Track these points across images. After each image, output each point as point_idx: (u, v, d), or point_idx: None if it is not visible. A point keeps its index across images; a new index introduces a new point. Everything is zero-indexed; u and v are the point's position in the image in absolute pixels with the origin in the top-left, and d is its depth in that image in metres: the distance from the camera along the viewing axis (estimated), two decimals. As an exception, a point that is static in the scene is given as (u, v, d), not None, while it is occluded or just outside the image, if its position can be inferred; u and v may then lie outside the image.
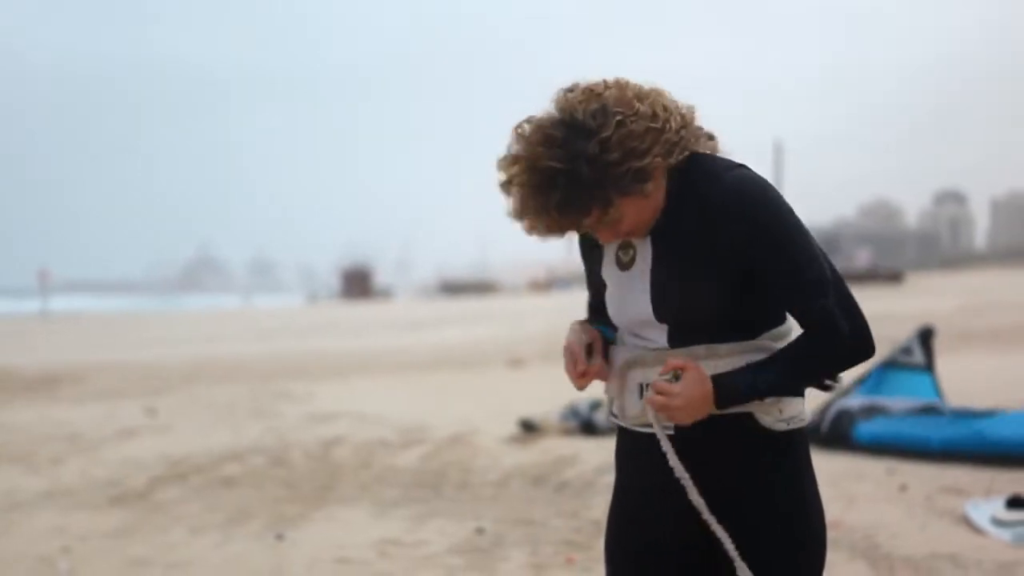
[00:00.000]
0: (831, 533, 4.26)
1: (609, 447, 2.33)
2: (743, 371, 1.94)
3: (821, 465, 2.33)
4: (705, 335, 1.98)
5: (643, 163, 1.88)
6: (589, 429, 8.41)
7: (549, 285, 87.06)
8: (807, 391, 2.05)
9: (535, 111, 1.93)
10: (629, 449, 2.13)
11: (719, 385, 1.94)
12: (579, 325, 2.15)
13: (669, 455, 2.00)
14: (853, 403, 7.61)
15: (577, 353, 2.08)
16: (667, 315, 2.00)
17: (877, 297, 31.54)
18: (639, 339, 2.07)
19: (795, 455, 2.02)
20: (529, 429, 8.54)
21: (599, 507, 5.76)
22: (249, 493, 6.73)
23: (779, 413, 1.99)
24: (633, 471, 2.12)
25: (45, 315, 49.42)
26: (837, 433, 7.38)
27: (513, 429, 8.66)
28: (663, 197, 1.98)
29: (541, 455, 7.68)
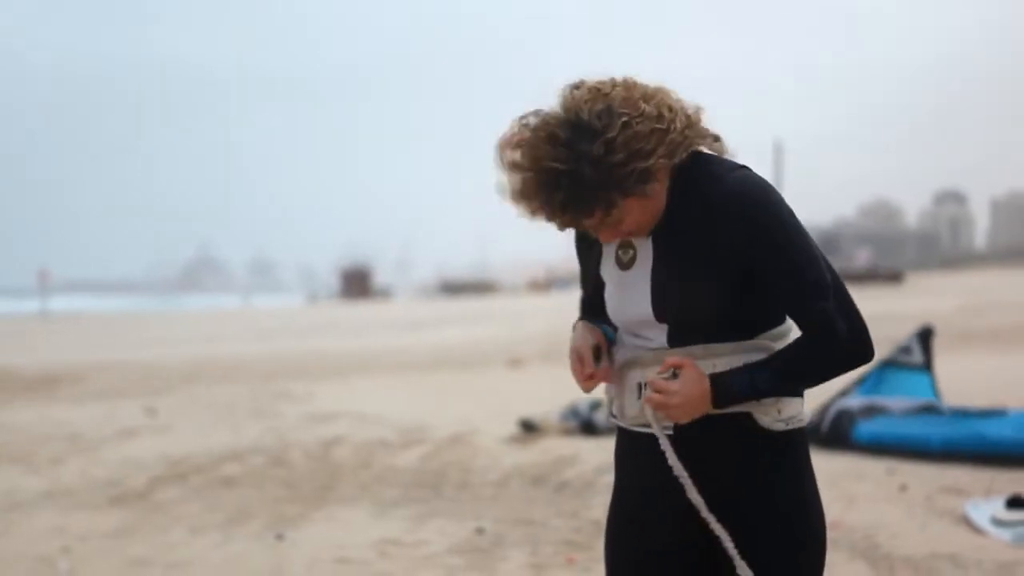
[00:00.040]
0: (831, 533, 4.26)
1: (609, 447, 2.32)
2: (741, 371, 1.94)
3: (821, 465, 2.33)
4: (704, 335, 1.98)
5: (647, 164, 1.87)
6: (589, 429, 8.41)
7: (549, 285, 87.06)
8: (806, 391, 2.04)
9: (541, 106, 1.92)
10: (628, 449, 2.13)
11: (717, 384, 1.94)
12: (585, 326, 2.13)
13: (668, 454, 2.00)
14: (853, 403, 7.61)
15: (585, 356, 2.08)
16: (667, 315, 2.00)
17: (877, 297, 31.54)
18: (638, 339, 2.06)
19: (794, 455, 2.02)
20: (529, 429, 8.54)
21: (599, 507, 5.75)
22: (249, 493, 6.73)
23: (778, 413, 1.99)
24: (632, 471, 2.12)
25: (45, 315, 49.43)
26: (837, 433, 7.38)
27: (513, 429, 8.66)
28: (665, 197, 1.97)
29: (541, 455, 7.68)
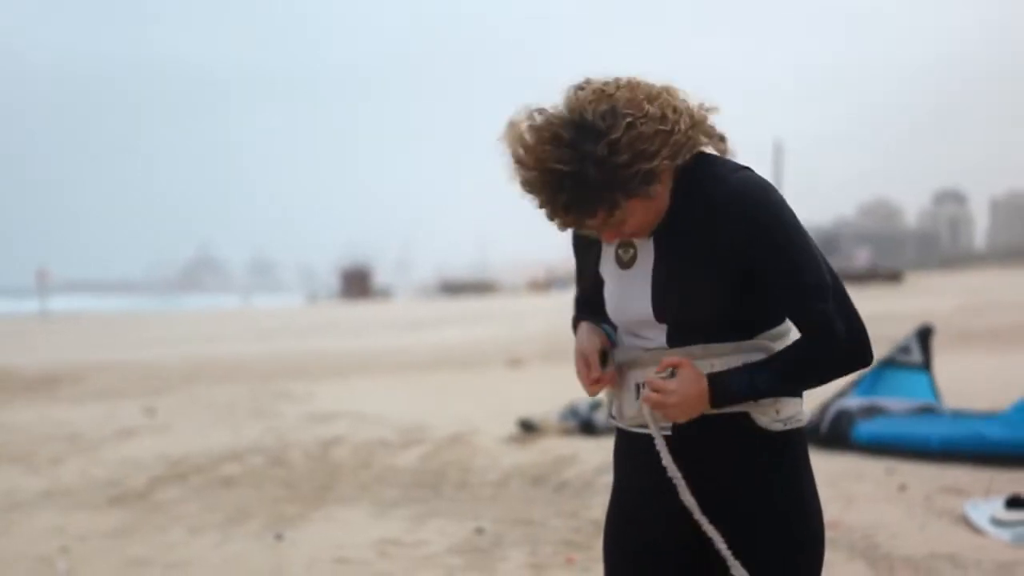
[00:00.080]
0: (830, 533, 4.26)
1: (608, 447, 2.32)
2: (739, 371, 1.94)
3: (820, 465, 2.33)
4: (704, 335, 1.98)
5: (651, 165, 1.87)
6: (588, 429, 8.41)
7: (549, 285, 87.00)
8: (805, 391, 2.04)
9: (543, 103, 1.91)
10: (627, 449, 2.13)
11: (714, 383, 1.94)
12: (590, 329, 2.12)
13: (663, 454, 2.00)
14: (852, 403, 7.61)
15: (592, 360, 2.07)
16: (667, 315, 1.99)
17: (876, 297, 31.55)
18: (637, 338, 2.06)
19: (793, 455, 2.02)
20: (528, 429, 8.54)
21: (598, 507, 5.75)
22: (248, 493, 6.73)
23: (776, 413, 1.99)
24: (630, 471, 2.12)
25: (44, 315, 49.42)
26: (836, 433, 7.38)
27: (512, 429, 8.66)
28: (668, 198, 1.97)
29: (540, 455, 7.68)
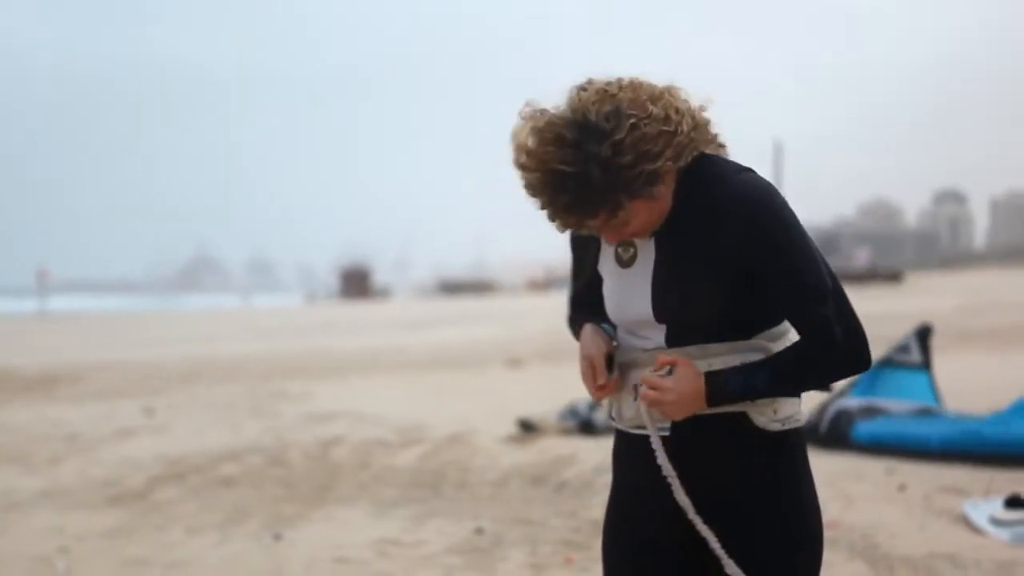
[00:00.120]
0: (830, 533, 4.25)
1: (607, 447, 2.32)
2: (737, 370, 1.94)
3: (820, 465, 2.33)
4: (702, 335, 1.97)
5: (655, 166, 1.86)
6: (588, 429, 8.41)
7: (548, 285, 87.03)
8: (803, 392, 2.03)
9: (548, 106, 1.89)
10: (625, 450, 2.12)
11: (711, 382, 1.93)
12: (595, 332, 2.10)
13: (658, 453, 2.00)
14: (852, 403, 7.60)
15: (598, 366, 2.05)
16: (666, 315, 1.99)
17: (876, 297, 31.56)
18: (636, 337, 2.06)
19: (791, 455, 2.01)
20: (528, 429, 8.54)
21: (598, 507, 5.75)
22: (247, 493, 6.72)
23: (773, 413, 1.99)
24: (629, 471, 2.11)
25: (43, 315, 49.41)
26: (836, 433, 7.37)
27: (512, 429, 8.66)
28: (671, 199, 1.97)
29: (540, 455, 7.68)
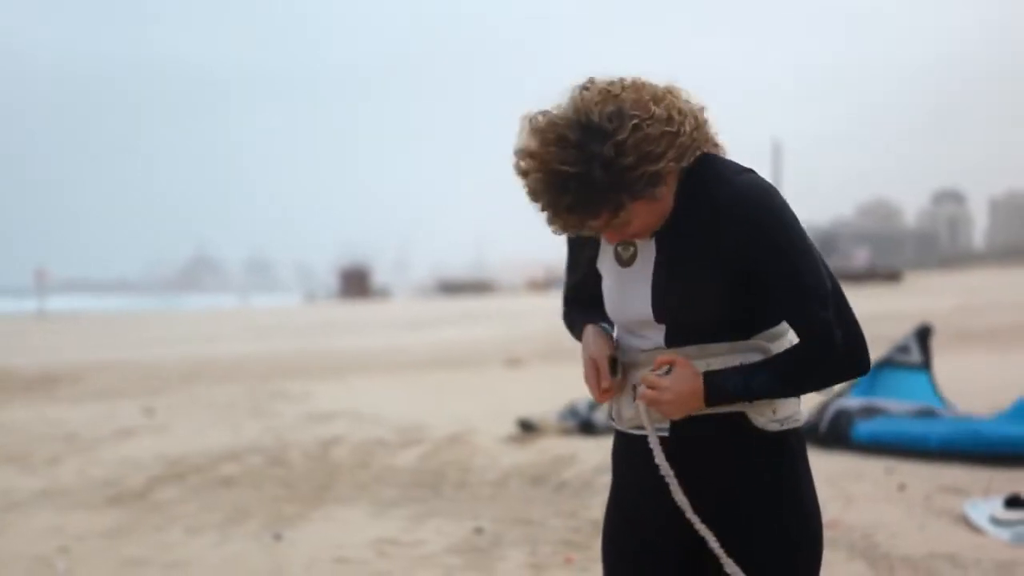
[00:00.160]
0: (829, 533, 4.25)
1: (607, 447, 2.32)
2: (735, 371, 1.94)
3: (819, 464, 2.32)
4: (701, 336, 1.97)
5: (657, 167, 1.86)
6: (587, 429, 8.41)
7: (547, 284, 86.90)
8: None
9: (548, 105, 1.89)
10: (624, 450, 2.12)
11: (709, 382, 1.93)
12: (598, 334, 2.10)
13: (656, 453, 2.00)
14: (851, 403, 7.60)
15: (603, 368, 2.05)
16: (666, 316, 1.99)
17: (875, 296, 31.57)
18: (635, 337, 2.05)
19: (790, 455, 2.01)
20: (527, 429, 8.54)
21: (597, 507, 5.75)
22: (247, 493, 6.72)
23: (772, 414, 1.98)
24: (628, 471, 2.11)
25: (42, 314, 49.38)
26: (836, 432, 7.37)
27: (511, 429, 8.66)
28: (672, 200, 1.96)
29: (539, 455, 7.68)
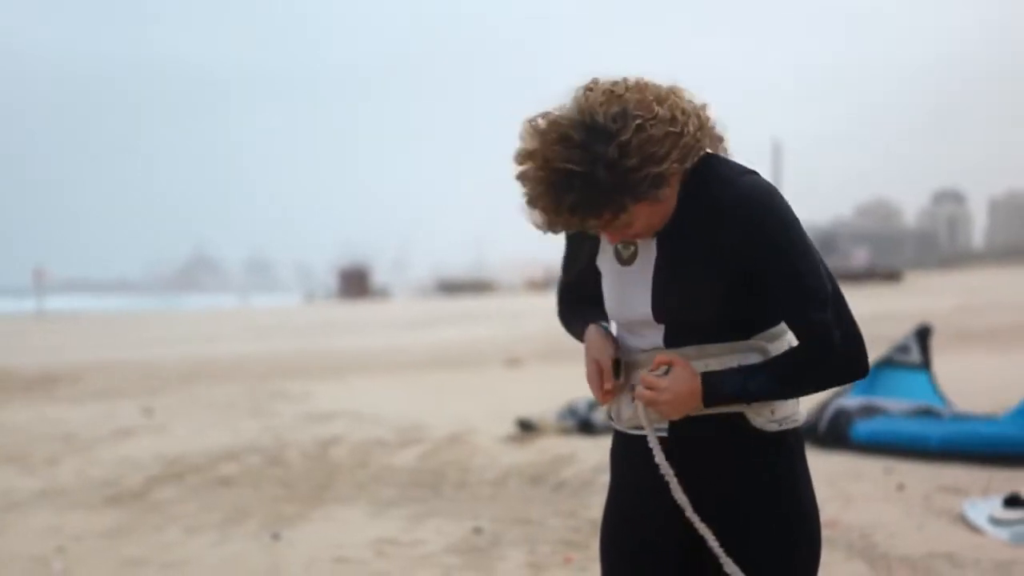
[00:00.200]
0: (828, 532, 4.25)
1: (606, 446, 2.31)
2: (734, 372, 1.93)
3: (818, 464, 2.32)
4: (700, 336, 1.97)
5: (661, 169, 1.85)
6: (587, 428, 8.41)
7: (547, 284, 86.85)
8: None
9: (547, 107, 1.87)
10: (623, 450, 2.12)
11: (707, 382, 1.93)
12: (602, 335, 2.09)
13: (655, 451, 2.00)
14: (851, 402, 7.60)
15: (606, 370, 2.04)
16: (666, 316, 1.98)
17: (875, 296, 31.58)
18: (634, 337, 2.05)
19: (789, 455, 2.01)
20: (527, 428, 8.54)
21: (596, 506, 5.74)
22: (246, 493, 6.71)
23: (771, 414, 1.98)
24: (627, 470, 2.11)
25: (41, 314, 49.38)
26: (835, 432, 7.37)
27: (511, 428, 8.66)
28: (675, 201, 1.96)
29: (539, 454, 7.67)
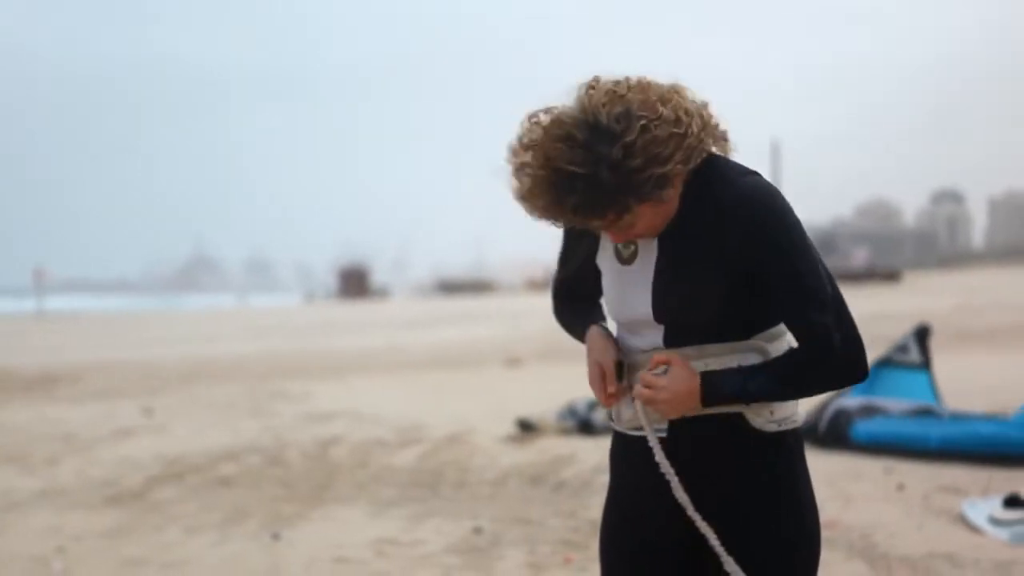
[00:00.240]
0: (828, 532, 4.25)
1: (606, 447, 2.31)
2: (733, 372, 1.93)
3: (818, 464, 2.32)
4: (701, 336, 1.97)
5: (665, 170, 1.84)
6: (586, 428, 8.41)
7: (546, 284, 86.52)
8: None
9: (550, 103, 1.85)
10: (622, 450, 2.12)
11: (706, 382, 1.93)
12: (603, 337, 2.08)
13: (655, 451, 2.00)
14: (850, 402, 7.60)
15: (609, 373, 2.04)
16: (666, 316, 1.98)
17: (874, 296, 31.58)
18: (634, 336, 2.05)
19: (788, 456, 2.01)
20: (526, 428, 8.54)
21: (596, 506, 5.74)
22: (246, 493, 6.71)
23: (770, 415, 1.98)
24: (626, 470, 2.11)
25: (41, 314, 49.37)
26: (835, 432, 7.37)
27: (510, 428, 8.66)
28: (678, 201, 1.95)
29: (538, 454, 7.67)
